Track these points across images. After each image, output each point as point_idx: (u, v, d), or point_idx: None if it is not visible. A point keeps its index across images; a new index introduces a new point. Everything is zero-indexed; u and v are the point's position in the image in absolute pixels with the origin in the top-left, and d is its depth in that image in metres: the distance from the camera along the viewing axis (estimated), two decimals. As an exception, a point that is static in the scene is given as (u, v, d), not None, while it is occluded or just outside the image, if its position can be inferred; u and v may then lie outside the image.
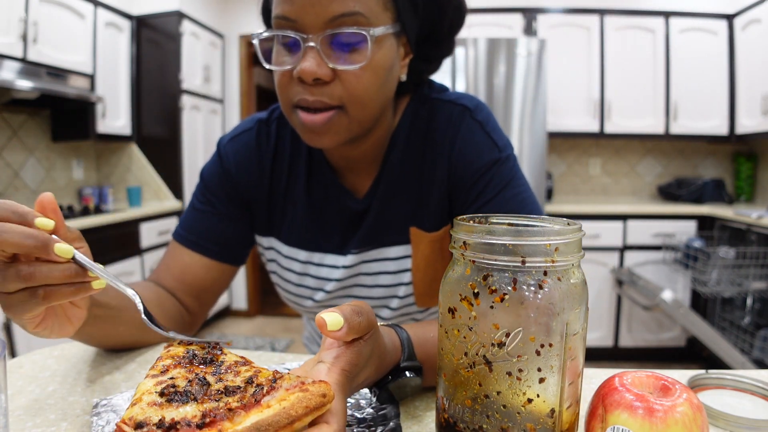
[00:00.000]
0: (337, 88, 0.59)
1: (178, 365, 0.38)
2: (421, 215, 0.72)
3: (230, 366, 0.38)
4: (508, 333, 0.36)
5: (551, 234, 0.36)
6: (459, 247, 0.39)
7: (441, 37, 0.70)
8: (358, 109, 0.60)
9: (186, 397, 0.32)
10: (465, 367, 0.38)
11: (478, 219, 0.44)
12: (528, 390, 0.36)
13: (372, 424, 0.48)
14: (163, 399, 0.32)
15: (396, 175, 0.72)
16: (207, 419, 0.30)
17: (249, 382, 0.34)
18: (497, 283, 0.36)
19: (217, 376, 0.36)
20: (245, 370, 0.37)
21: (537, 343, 0.35)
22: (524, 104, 2.75)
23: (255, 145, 0.76)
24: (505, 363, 0.36)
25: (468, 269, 0.38)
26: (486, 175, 0.67)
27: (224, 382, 0.35)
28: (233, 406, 0.31)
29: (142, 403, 0.32)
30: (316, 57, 0.57)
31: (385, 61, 0.60)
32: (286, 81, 0.61)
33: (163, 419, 0.30)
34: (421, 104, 0.72)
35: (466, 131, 0.69)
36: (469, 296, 0.37)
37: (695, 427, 0.35)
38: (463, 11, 0.70)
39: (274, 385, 0.33)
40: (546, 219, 0.43)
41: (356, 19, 0.56)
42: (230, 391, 0.33)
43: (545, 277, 0.36)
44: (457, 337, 0.38)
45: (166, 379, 0.35)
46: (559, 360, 0.36)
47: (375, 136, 0.69)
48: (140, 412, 0.31)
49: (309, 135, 0.62)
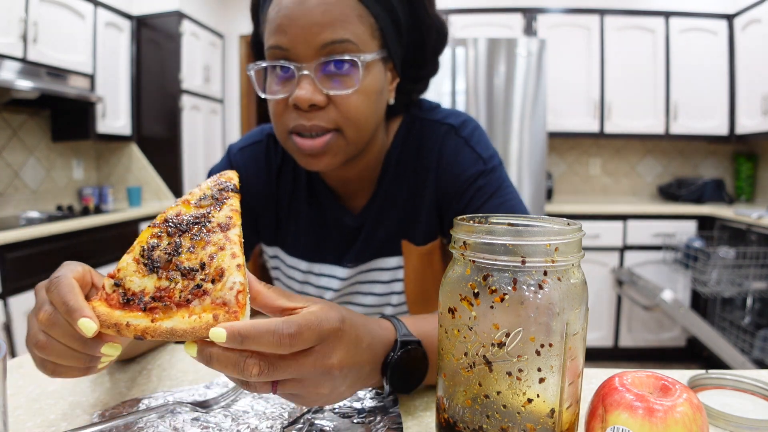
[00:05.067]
0: (331, 112, 0.61)
1: (173, 225, 0.41)
2: (411, 230, 0.75)
3: (211, 230, 0.41)
4: (508, 333, 0.35)
5: (551, 234, 0.36)
6: (459, 247, 0.39)
7: (425, 60, 0.73)
8: (354, 131, 0.63)
9: (153, 267, 0.38)
10: (465, 367, 0.38)
11: (478, 219, 0.43)
12: (528, 390, 0.36)
13: (371, 414, 0.48)
14: (141, 260, 0.39)
15: (389, 194, 0.75)
16: (150, 304, 0.37)
17: (202, 267, 0.38)
18: (497, 283, 0.36)
19: (193, 241, 0.40)
20: (213, 243, 0.40)
21: (537, 343, 0.35)
22: (524, 104, 2.75)
23: (264, 158, 0.79)
24: (505, 363, 0.36)
25: (468, 269, 0.38)
26: (473, 185, 0.70)
27: (190, 253, 0.39)
28: (174, 297, 0.37)
29: (132, 255, 0.39)
30: (311, 84, 0.59)
31: (375, 85, 0.64)
32: (281, 109, 0.63)
33: (128, 291, 0.38)
34: (411, 125, 0.75)
35: (451, 148, 0.72)
36: (469, 296, 0.37)
37: (695, 427, 0.35)
38: (445, 35, 0.73)
39: (208, 289, 0.37)
40: (546, 219, 0.43)
41: (346, 46, 0.59)
42: (184, 273, 0.38)
43: (545, 277, 0.36)
44: (457, 337, 0.38)
45: (156, 233, 0.40)
46: (559, 360, 0.36)
47: (368, 157, 0.72)
48: (125, 267, 0.38)
49: (307, 159, 0.64)
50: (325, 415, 0.49)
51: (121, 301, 0.37)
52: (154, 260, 0.39)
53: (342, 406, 0.51)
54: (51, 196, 2.92)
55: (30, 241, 2.08)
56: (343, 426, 0.47)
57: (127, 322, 0.36)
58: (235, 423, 0.46)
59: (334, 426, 0.47)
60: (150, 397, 0.52)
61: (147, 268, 0.38)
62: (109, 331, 0.36)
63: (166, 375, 0.61)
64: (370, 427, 0.46)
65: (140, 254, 0.39)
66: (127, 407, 0.50)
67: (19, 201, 2.70)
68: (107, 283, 0.38)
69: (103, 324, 0.36)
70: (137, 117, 3.27)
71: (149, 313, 0.37)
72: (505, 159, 2.77)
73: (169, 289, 0.38)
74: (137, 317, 0.36)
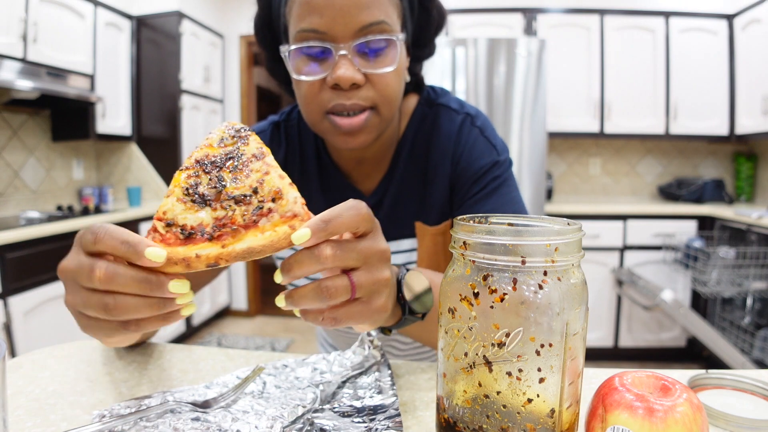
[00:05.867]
0: (369, 90, 0.63)
1: (208, 164, 0.41)
2: (425, 211, 0.77)
3: (248, 161, 0.41)
4: (508, 333, 0.35)
5: (551, 234, 0.36)
6: (459, 247, 0.39)
7: (427, 40, 0.76)
8: (388, 109, 0.66)
9: (203, 201, 0.39)
10: (465, 367, 0.38)
11: (478, 219, 0.44)
12: (528, 390, 0.36)
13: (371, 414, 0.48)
14: (188, 198, 0.39)
15: (403, 176, 0.77)
16: (216, 233, 0.37)
17: (255, 191, 0.39)
18: (497, 283, 0.36)
19: (233, 173, 0.41)
20: (255, 170, 0.41)
21: (537, 343, 0.35)
22: (524, 104, 2.75)
23: (268, 146, 0.79)
24: (505, 363, 0.36)
25: (468, 269, 0.38)
26: (487, 173, 0.73)
27: (236, 183, 0.40)
28: (237, 221, 0.38)
29: (173, 197, 0.39)
30: (350, 63, 0.61)
31: (403, 63, 0.67)
32: (316, 90, 0.64)
33: (185, 226, 0.38)
34: (428, 108, 0.78)
35: (469, 136, 0.75)
36: (469, 296, 0.37)
37: (695, 427, 0.35)
38: (445, 14, 0.76)
39: (272, 207, 0.39)
40: (546, 219, 0.43)
41: (382, 27, 0.61)
42: (238, 200, 0.39)
43: (545, 277, 0.36)
44: (457, 337, 0.38)
45: (192, 174, 0.40)
46: (559, 360, 0.36)
47: (385, 135, 0.75)
48: (171, 209, 0.38)
49: (344, 138, 0.66)
50: (325, 414, 0.49)
51: (181, 237, 0.37)
52: (202, 195, 0.39)
53: (342, 406, 0.51)
54: (51, 196, 2.92)
55: (30, 241, 2.08)
56: (343, 426, 0.47)
57: (196, 253, 0.36)
58: (235, 423, 0.46)
59: (334, 426, 0.47)
60: (150, 397, 0.52)
61: (197, 204, 0.39)
62: (177, 268, 0.36)
63: (166, 375, 0.61)
64: (370, 426, 0.46)
65: (184, 193, 0.39)
66: (127, 407, 0.50)
67: (19, 201, 2.70)
68: (159, 225, 0.38)
69: (170, 260, 0.36)
70: (137, 117, 3.27)
71: (217, 240, 0.37)
72: (505, 159, 2.77)
73: (228, 217, 0.38)
74: (205, 247, 0.37)
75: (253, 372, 0.55)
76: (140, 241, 0.36)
